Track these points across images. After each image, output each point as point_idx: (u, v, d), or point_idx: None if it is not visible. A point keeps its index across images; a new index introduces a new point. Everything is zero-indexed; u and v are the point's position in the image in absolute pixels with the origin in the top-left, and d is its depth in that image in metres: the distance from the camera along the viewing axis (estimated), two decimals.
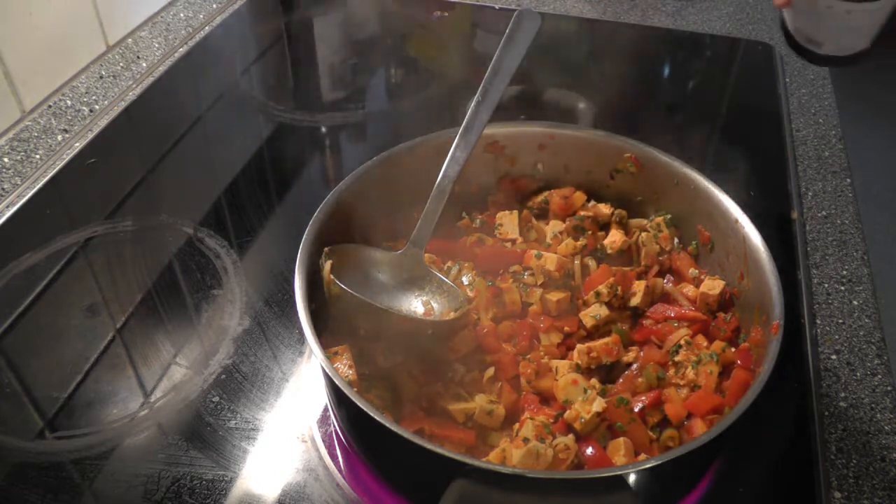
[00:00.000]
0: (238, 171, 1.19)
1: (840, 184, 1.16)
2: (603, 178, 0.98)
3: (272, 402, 0.85)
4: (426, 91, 1.36)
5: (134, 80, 1.37)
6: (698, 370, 0.78)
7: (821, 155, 1.22)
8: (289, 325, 0.93)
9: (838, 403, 0.86)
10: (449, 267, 0.92)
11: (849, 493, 0.77)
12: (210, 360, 0.89)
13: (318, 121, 1.30)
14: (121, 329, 0.93)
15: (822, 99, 1.34)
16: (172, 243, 1.04)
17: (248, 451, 0.80)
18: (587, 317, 0.85)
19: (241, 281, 0.99)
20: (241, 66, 1.45)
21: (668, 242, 0.92)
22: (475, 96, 0.87)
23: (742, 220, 0.83)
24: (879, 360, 0.90)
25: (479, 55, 1.53)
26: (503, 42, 0.89)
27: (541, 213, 0.99)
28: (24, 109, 1.22)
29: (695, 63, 1.47)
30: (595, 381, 0.79)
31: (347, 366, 0.76)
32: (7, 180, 1.14)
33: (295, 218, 1.08)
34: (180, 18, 1.54)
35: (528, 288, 0.89)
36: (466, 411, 0.76)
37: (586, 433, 0.75)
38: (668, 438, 0.76)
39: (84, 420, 0.83)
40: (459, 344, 0.81)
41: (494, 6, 1.62)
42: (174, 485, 0.77)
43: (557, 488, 0.63)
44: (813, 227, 1.08)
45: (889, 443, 0.82)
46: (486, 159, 0.98)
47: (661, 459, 0.64)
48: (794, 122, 1.28)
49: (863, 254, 1.04)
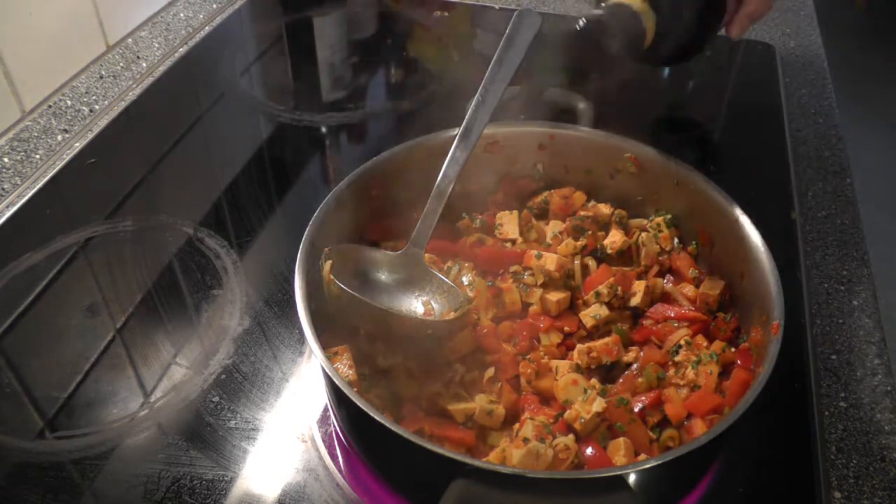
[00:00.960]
0: (238, 171, 1.19)
1: (840, 184, 1.16)
2: (603, 178, 0.98)
3: (272, 402, 0.85)
4: (426, 91, 1.36)
5: (134, 80, 1.37)
6: (698, 370, 0.78)
7: (821, 155, 1.22)
8: (289, 325, 0.93)
9: (838, 403, 0.86)
10: (449, 267, 0.92)
11: (849, 493, 0.77)
12: (210, 360, 0.89)
13: (318, 121, 1.30)
14: (121, 329, 0.93)
15: (822, 99, 1.34)
16: (172, 243, 1.04)
17: (248, 451, 0.80)
18: (587, 317, 0.85)
19: (241, 281, 0.99)
20: (241, 66, 1.44)
21: (668, 242, 0.92)
22: (475, 96, 0.87)
23: (742, 220, 0.83)
24: (879, 360, 0.90)
25: (479, 55, 1.52)
26: (503, 42, 0.89)
27: (541, 213, 0.99)
28: (24, 109, 1.22)
29: (695, 63, 1.46)
30: (595, 381, 0.79)
31: (347, 366, 0.76)
32: (7, 180, 1.14)
33: (295, 218, 1.08)
34: (180, 18, 1.54)
35: (528, 288, 0.89)
36: (466, 411, 0.76)
37: (586, 433, 0.75)
38: (668, 438, 0.76)
39: (84, 420, 0.83)
40: (459, 344, 0.81)
41: (494, 6, 1.62)
42: (174, 485, 0.77)
43: (557, 488, 0.63)
44: (813, 227, 1.08)
45: (889, 443, 0.82)
46: (486, 159, 0.98)
47: (661, 459, 0.64)
48: (794, 122, 1.28)
49: (863, 254, 1.04)
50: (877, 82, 3.78)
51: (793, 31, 1.54)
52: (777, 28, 1.55)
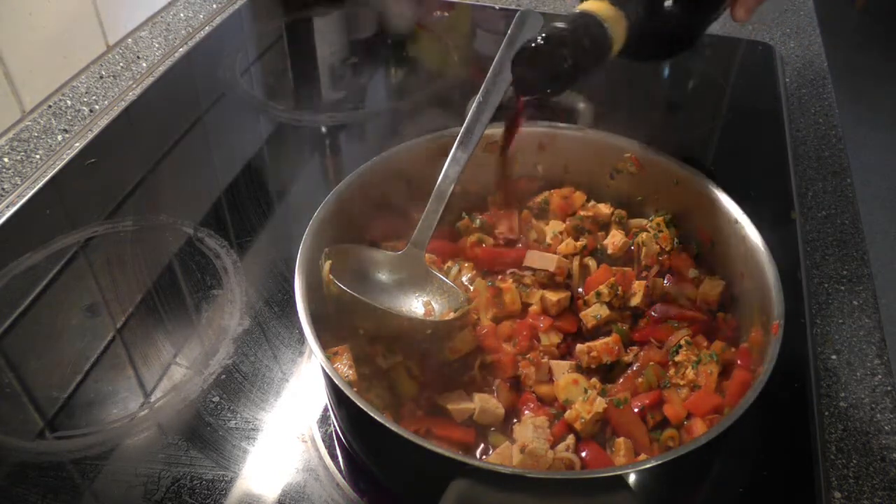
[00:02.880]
0: (238, 171, 1.19)
1: (840, 184, 1.16)
2: (603, 178, 0.98)
3: (272, 402, 0.85)
4: (426, 91, 1.36)
5: (134, 80, 1.37)
6: (698, 370, 0.78)
7: (821, 155, 1.22)
8: (289, 325, 0.93)
9: (838, 403, 0.86)
10: (449, 267, 0.92)
11: (849, 493, 0.77)
12: (210, 360, 0.89)
13: (318, 121, 1.30)
14: (121, 329, 0.93)
15: (822, 99, 1.34)
16: (172, 243, 1.04)
17: (248, 451, 0.80)
18: (587, 317, 0.85)
19: (241, 281, 0.99)
20: (241, 66, 1.44)
21: (668, 242, 0.92)
22: (476, 97, 0.87)
23: (742, 220, 0.83)
24: (879, 360, 0.90)
25: (479, 55, 1.53)
26: (505, 43, 0.89)
27: (541, 213, 0.99)
28: (24, 109, 1.22)
29: (695, 63, 1.46)
30: (595, 381, 0.79)
31: (347, 366, 0.76)
32: (7, 180, 1.14)
33: (295, 218, 1.08)
34: (180, 18, 1.54)
35: (528, 288, 0.89)
36: (466, 411, 0.76)
37: (586, 433, 0.75)
38: (668, 438, 0.76)
39: (84, 420, 0.83)
40: (459, 344, 0.81)
41: (494, 6, 1.62)
42: (174, 485, 0.77)
43: (557, 488, 0.63)
44: (813, 227, 1.08)
45: (889, 443, 0.82)
46: (486, 159, 0.98)
47: (661, 459, 0.64)
48: (794, 122, 1.28)
49: (863, 254, 1.04)
50: (877, 82, 3.78)
51: (793, 31, 1.54)
52: (777, 28, 1.55)
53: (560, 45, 0.77)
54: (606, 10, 0.80)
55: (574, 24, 0.79)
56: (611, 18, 0.80)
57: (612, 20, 0.80)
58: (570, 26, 0.78)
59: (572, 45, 0.77)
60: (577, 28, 0.78)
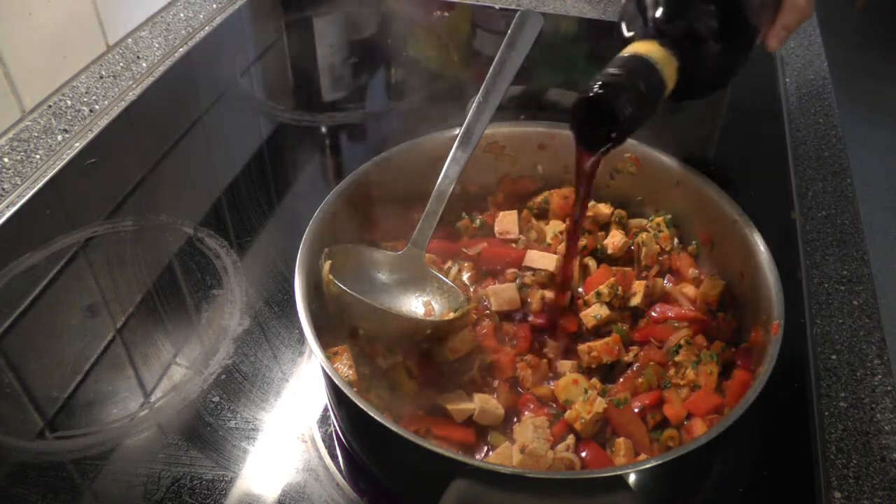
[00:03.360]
0: (238, 171, 1.19)
1: (840, 184, 1.16)
2: (603, 178, 0.98)
3: (272, 402, 0.85)
4: (426, 91, 1.36)
5: (134, 80, 1.37)
6: (698, 370, 0.78)
7: (821, 155, 1.22)
8: (289, 325, 0.93)
9: (838, 403, 0.86)
10: (449, 267, 0.92)
11: (849, 493, 0.77)
12: (210, 360, 0.89)
13: (318, 121, 1.30)
14: (121, 329, 0.93)
15: (822, 99, 1.34)
16: (172, 243, 1.04)
17: (248, 451, 0.80)
18: (587, 317, 0.85)
19: (241, 281, 0.99)
20: (241, 66, 1.44)
21: (668, 242, 0.92)
22: (476, 97, 0.87)
23: (742, 220, 0.83)
24: (879, 360, 0.90)
25: (479, 55, 1.53)
26: (505, 43, 0.89)
27: (541, 213, 0.99)
28: (24, 109, 1.22)
29: None
30: (596, 381, 0.79)
31: (347, 366, 0.76)
32: (7, 180, 1.14)
33: (295, 218, 1.08)
34: (180, 18, 1.54)
35: (528, 288, 0.89)
36: (466, 411, 0.76)
37: (586, 433, 0.75)
38: (668, 438, 0.76)
39: (84, 420, 0.83)
40: (459, 344, 0.81)
41: (494, 6, 1.62)
42: (174, 485, 0.77)
43: (557, 488, 0.63)
44: (813, 227, 1.08)
45: (889, 443, 0.82)
46: (486, 159, 0.98)
47: (661, 459, 0.64)
48: (794, 122, 1.28)
49: (863, 254, 1.04)
50: (877, 82, 3.78)
51: None
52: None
53: (618, 93, 0.72)
54: (657, 51, 0.76)
55: (626, 67, 0.74)
56: (662, 60, 0.76)
57: (663, 62, 0.76)
58: (624, 71, 0.74)
59: (630, 90, 0.73)
60: (631, 72, 0.74)
